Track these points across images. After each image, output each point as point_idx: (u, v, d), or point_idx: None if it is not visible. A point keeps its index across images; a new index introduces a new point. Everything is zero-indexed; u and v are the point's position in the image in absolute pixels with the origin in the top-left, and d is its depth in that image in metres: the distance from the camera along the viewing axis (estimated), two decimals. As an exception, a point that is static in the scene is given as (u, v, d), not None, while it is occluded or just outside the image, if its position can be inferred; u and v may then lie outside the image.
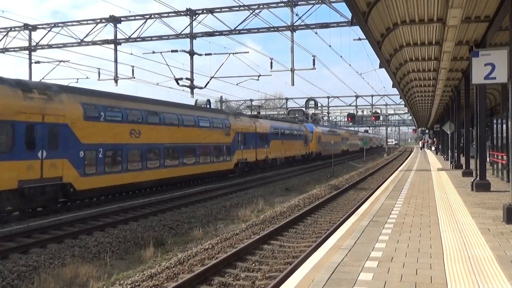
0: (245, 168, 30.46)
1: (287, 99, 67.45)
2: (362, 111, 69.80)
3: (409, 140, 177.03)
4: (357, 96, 62.00)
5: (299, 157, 43.86)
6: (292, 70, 24.92)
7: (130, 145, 18.93)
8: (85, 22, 26.83)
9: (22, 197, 14.03)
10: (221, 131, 26.99)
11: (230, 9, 24.27)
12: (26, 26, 27.28)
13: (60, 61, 28.92)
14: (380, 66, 16.67)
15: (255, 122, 32.57)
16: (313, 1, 22.57)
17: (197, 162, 23.88)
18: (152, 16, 25.31)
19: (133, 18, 25.97)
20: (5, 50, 28.27)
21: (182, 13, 24.70)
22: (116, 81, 27.26)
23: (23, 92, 14.46)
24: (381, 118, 71.92)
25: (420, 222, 8.22)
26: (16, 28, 27.61)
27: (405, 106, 42.67)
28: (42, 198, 14.84)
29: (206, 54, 27.10)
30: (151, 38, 26.36)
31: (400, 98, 35.56)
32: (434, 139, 55.31)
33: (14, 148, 13.88)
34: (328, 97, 64.14)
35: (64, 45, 27.74)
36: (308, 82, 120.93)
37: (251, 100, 67.31)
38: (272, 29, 24.02)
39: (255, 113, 46.10)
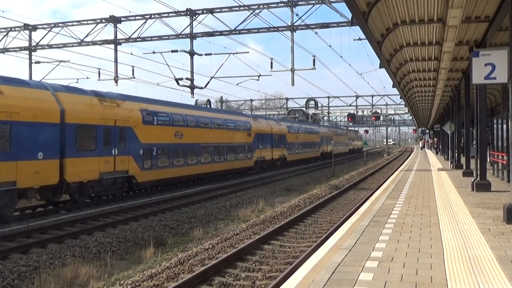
0: None
1: (287, 99, 67.52)
2: (363, 111, 69.84)
3: (409, 140, 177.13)
4: (357, 96, 62.06)
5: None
6: (292, 70, 24.92)
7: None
8: (85, 22, 26.84)
9: None
10: None
11: (230, 9, 24.26)
12: (26, 26, 27.28)
13: (60, 61, 28.97)
14: (380, 66, 16.66)
15: None
16: (313, 1, 22.56)
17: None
18: (152, 16, 25.32)
19: (133, 18, 25.97)
20: (5, 50, 28.27)
21: (182, 13, 24.70)
22: (116, 81, 27.27)
23: None
24: (381, 118, 71.91)
25: (420, 222, 8.22)
26: (16, 28, 27.61)
27: (405, 106, 42.63)
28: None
29: (206, 54, 27.14)
30: (151, 38, 26.37)
31: (400, 98, 35.56)
32: (435, 139, 55.26)
33: None
34: (328, 97, 64.26)
35: (64, 45, 27.75)
36: (308, 82, 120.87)
37: (251, 100, 67.43)
38: (272, 29, 24.02)
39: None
